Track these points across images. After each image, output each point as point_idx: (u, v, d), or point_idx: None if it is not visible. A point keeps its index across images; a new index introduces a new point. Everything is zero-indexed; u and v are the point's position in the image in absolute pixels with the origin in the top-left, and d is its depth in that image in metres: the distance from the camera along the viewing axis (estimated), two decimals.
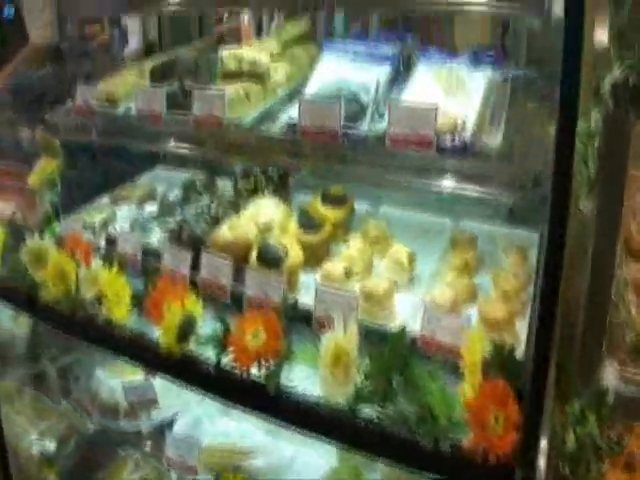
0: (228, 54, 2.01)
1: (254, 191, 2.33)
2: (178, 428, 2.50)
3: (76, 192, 2.68)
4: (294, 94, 1.97)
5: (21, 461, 3.08)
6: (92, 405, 2.77)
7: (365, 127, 1.70)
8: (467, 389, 1.43)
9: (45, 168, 2.61)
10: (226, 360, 1.79)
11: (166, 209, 2.41)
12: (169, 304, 1.90)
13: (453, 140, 1.58)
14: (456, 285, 1.78)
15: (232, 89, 1.92)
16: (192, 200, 2.41)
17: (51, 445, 3.02)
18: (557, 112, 1.12)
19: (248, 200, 2.28)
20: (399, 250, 1.91)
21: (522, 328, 1.65)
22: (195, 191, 2.46)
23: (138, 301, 2.06)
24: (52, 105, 2.46)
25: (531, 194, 1.49)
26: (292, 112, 1.80)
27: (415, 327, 1.63)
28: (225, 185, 2.54)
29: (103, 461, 2.87)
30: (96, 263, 2.11)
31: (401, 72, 1.93)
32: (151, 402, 2.52)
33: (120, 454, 2.84)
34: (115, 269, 2.08)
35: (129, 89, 2.20)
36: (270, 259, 1.88)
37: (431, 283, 1.89)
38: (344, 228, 2.18)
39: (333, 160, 1.74)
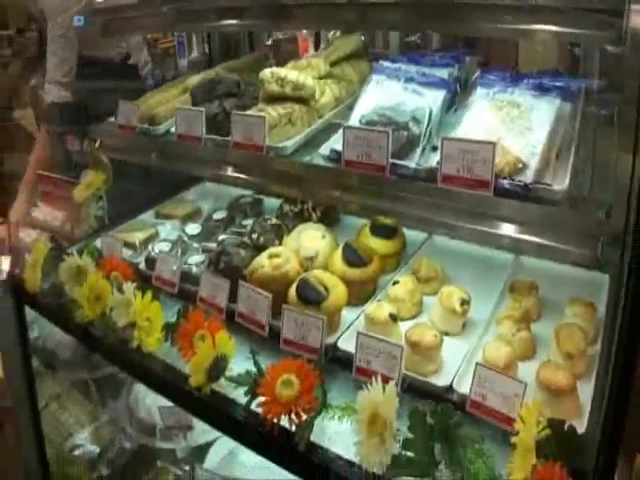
0: (270, 75, 1.84)
1: (300, 214, 2.18)
2: (212, 457, 2.40)
3: (121, 206, 2.60)
4: (341, 119, 1.81)
5: (63, 463, 3.06)
6: (129, 420, 2.71)
7: (415, 161, 1.53)
8: (518, 470, 1.25)
9: (92, 182, 2.54)
10: (256, 406, 1.66)
11: (209, 230, 2.29)
12: (201, 338, 1.79)
13: (513, 182, 1.39)
14: (512, 339, 1.59)
15: (274, 113, 1.77)
16: (237, 221, 2.29)
17: (94, 449, 2.98)
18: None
19: (294, 223, 2.14)
20: (451, 295, 1.72)
21: (586, 394, 1.44)
22: (240, 211, 2.34)
23: (172, 330, 1.96)
24: (98, 120, 2.39)
25: (607, 250, 1.29)
26: (337, 141, 1.64)
27: (465, 385, 1.47)
28: (272, 204, 2.41)
29: (143, 470, 2.81)
30: (129, 287, 2.01)
31: (457, 98, 1.75)
32: (186, 427, 2.42)
33: (159, 465, 2.77)
34: (149, 295, 1.98)
35: (170, 109, 2.09)
36: (309, 298, 1.74)
37: (485, 332, 1.70)
38: (395, 262, 2.01)
39: (380, 195, 1.56)
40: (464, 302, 1.71)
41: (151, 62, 3.33)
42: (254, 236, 2.05)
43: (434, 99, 1.66)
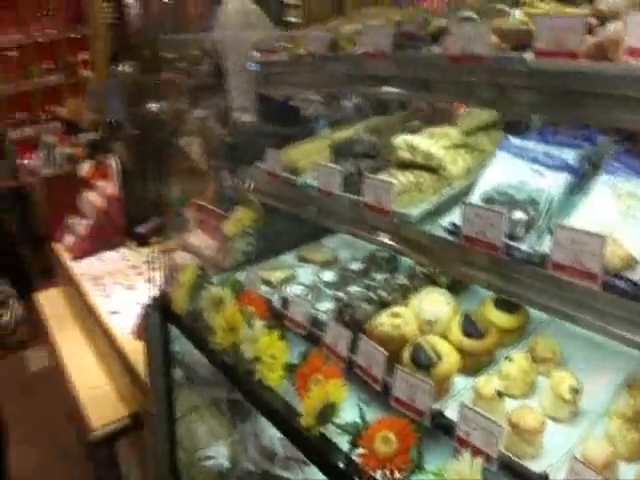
0: (403, 143, 1.94)
1: (429, 277, 2.25)
2: None
3: (266, 244, 2.79)
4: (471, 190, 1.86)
5: (193, 471, 3.28)
6: (254, 444, 2.87)
7: (529, 244, 1.55)
8: None
9: (241, 219, 2.75)
10: (356, 456, 1.75)
11: (343, 280, 2.40)
12: (316, 382, 1.91)
13: (622, 278, 1.38)
14: (619, 438, 1.55)
15: (403, 179, 1.86)
16: (371, 273, 2.40)
17: (225, 463, 3.18)
18: None
19: (423, 284, 2.21)
20: (562, 381, 1.71)
21: None
22: (376, 264, 2.44)
23: (293, 369, 2.10)
24: (249, 161, 2.59)
25: None
26: (457, 213, 1.70)
27: (562, 475, 1.46)
28: (408, 261, 2.48)
29: None
30: (259, 324, 2.18)
31: (581, 183, 1.74)
32: (301, 460, 2.54)
33: None
34: (276, 333, 2.13)
35: (312, 162, 2.24)
36: (421, 363, 1.79)
37: (595, 424, 1.66)
38: (515, 336, 2.01)
39: (496, 274, 1.60)
40: (574, 390, 1.69)
41: (317, 102, 3.54)
42: (381, 293, 2.15)
43: (556, 182, 1.67)
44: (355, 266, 2.49)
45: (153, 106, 5.37)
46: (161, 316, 2.79)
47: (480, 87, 1.71)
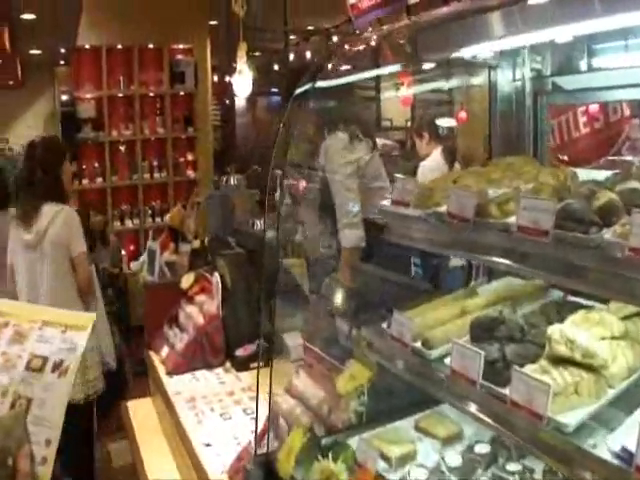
0: (559, 335, 1.71)
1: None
2: None
3: (376, 407, 2.58)
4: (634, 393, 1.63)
5: None
6: None
7: None
8: None
9: (356, 376, 2.55)
10: None
11: (470, 465, 2.17)
12: None
13: None
14: None
15: (560, 380, 1.64)
16: (500, 461, 2.17)
17: None
18: None
19: None
20: None
21: None
22: (504, 448, 2.20)
23: None
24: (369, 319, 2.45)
25: None
26: (626, 432, 1.47)
27: None
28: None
29: None
30: None
31: None
32: None
33: None
34: None
35: (446, 332, 2.06)
36: None
37: None
38: None
39: None
40: None
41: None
42: None
43: None
44: (481, 449, 2.25)
45: (257, 223, 5.37)
46: (264, 475, 2.61)
47: None
